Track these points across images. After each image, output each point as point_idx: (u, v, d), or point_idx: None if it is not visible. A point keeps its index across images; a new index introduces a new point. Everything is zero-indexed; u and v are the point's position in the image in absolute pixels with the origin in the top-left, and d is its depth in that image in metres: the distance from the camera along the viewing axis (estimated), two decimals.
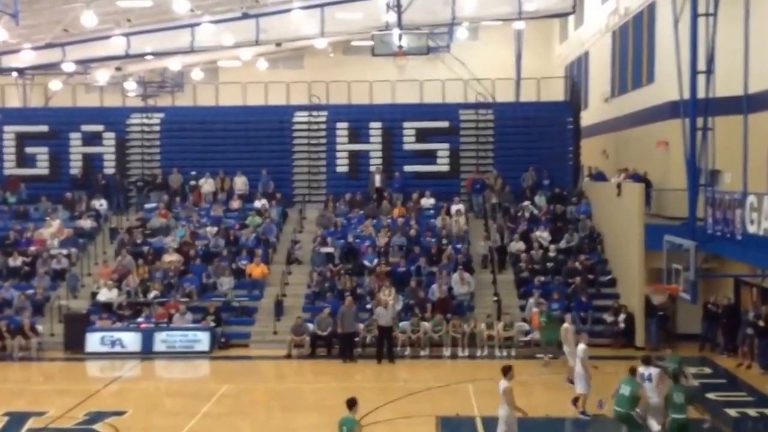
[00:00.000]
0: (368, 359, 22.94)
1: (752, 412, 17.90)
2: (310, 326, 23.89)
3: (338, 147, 33.20)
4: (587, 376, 17.17)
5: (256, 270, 26.78)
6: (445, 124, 32.80)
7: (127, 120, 33.79)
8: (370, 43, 37.84)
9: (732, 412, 17.83)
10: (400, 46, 34.41)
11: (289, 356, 23.38)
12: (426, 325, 24.01)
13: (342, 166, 33.07)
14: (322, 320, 23.74)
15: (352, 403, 12.82)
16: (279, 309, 25.30)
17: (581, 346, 17.47)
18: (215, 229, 29.13)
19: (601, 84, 35.50)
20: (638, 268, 24.00)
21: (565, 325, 19.75)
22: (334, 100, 34.95)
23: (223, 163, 32.38)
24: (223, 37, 36.86)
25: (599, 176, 30.32)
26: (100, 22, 29.88)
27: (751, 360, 21.14)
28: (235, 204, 31.22)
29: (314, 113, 33.68)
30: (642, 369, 15.56)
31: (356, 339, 23.44)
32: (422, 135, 32.80)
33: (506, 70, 38.62)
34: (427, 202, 30.94)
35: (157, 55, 37.11)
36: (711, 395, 18.89)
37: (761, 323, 20.39)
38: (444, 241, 27.98)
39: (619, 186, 26.26)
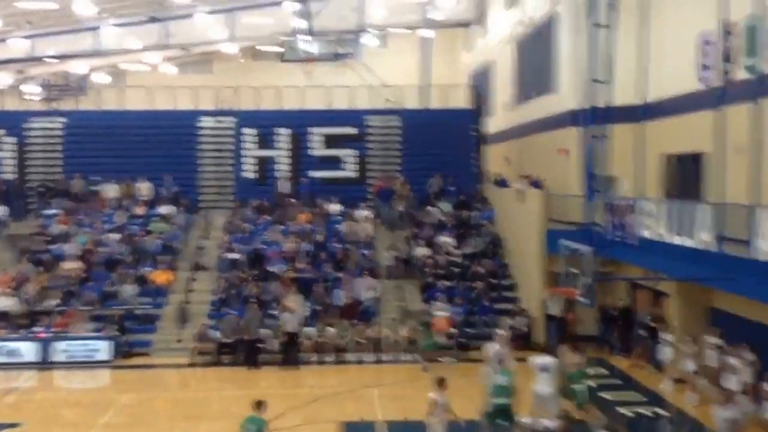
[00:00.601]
0: (273, 366, 22.85)
1: (645, 411, 18.45)
2: (215, 333, 23.65)
3: (246, 153, 33.03)
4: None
5: (160, 277, 26.36)
6: (352, 130, 32.98)
7: (28, 124, 32.82)
8: (280, 48, 37.83)
9: (626, 411, 18.37)
10: (309, 53, 34.58)
11: (193, 364, 23.07)
12: (331, 330, 24.07)
13: (249, 171, 32.89)
14: (227, 327, 23.52)
15: (259, 404, 12.82)
16: (183, 316, 24.95)
17: (495, 347, 17.95)
18: (118, 235, 28.54)
19: (505, 92, 36.25)
20: (538, 272, 24.64)
21: (502, 332, 20.00)
22: (243, 105, 34.66)
23: (128, 168, 31.73)
24: (129, 41, 36.24)
25: (502, 182, 30.96)
26: (1, 24, 29.00)
27: (645, 361, 21.88)
28: (139, 210, 30.64)
29: (222, 118, 33.43)
30: (539, 360, 16.11)
31: (261, 345, 23.32)
32: (330, 141, 32.92)
33: (414, 77, 39.05)
34: (334, 208, 31.00)
35: (61, 58, 36.24)
36: (607, 395, 19.48)
37: (654, 325, 21.14)
38: (350, 247, 28.11)
39: (520, 192, 26.88)
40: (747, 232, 15.91)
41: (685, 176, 22.46)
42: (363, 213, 30.27)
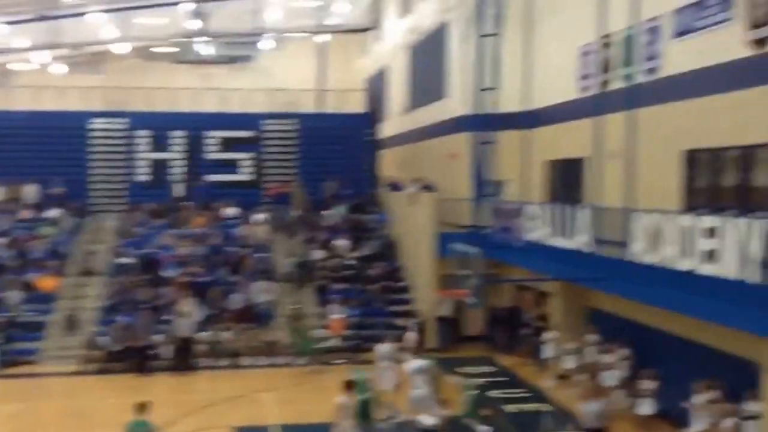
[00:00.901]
0: (166, 372, 22.61)
1: (529, 407, 19.11)
2: (104, 340, 23.22)
3: (139, 155, 32.55)
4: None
5: (47, 283, 25.68)
6: (249, 133, 32.94)
7: None
8: (174, 49, 37.36)
9: (512, 407, 19.02)
10: (204, 55, 34.31)
11: (81, 372, 22.57)
12: (226, 334, 23.99)
13: (143, 174, 32.44)
14: (117, 333, 23.13)
15: (142, 406, 12.74)
16: (71, 323, 24.38)
17: (386, 347, 18.70)
18: (4, 240, 27.64)
19: (399, 97, 36.80)
20: (430, 274, 25.19)
21: (408, 334, 20.30)
22: (136, 106, 34.12)
23: (15, 171, 30.82)
24: (17, 39, 35.10)
25: (396, 186, 31.45)
26: None
27: (529, 358, 22.64)
28: (26, 213, 29.76)
29: (114, 120, 32.83)
30: (413, 364, 16.64)
31: (153, 351, 23.04)
32: (226, 144, 32.80)
33: (310, 81, 39.22)
34: (230, 211, 30.88)
35: None
36: (494, 393, 20.10)
37: (537, 324, 21.93)
38: (246, 250, 28.06)
39: (413, 196, 27.39)
40: (622, 235, 16.71)
41: (568, 181, 23.38)
42: (259, 216, 30.23)
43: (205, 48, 34.08)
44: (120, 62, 42.15)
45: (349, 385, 14.80)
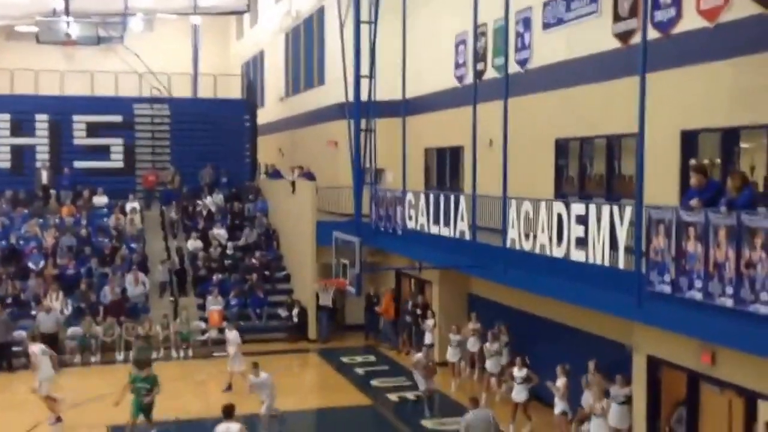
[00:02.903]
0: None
1: (410, 395, 19.24)
2: None
3: None
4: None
5: None
6: (118, 118, 31.63)
7: None
8: (36, 28, 35.47)
9: (393, 397, 19.14)
10: (68, 34, 32.71)
11: None
12: (97, 329, 23.10)
13: (3, 161, 30.74)
14: None
15: None
16: None
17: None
18: None
19: (276, 83, 36.27)
20: (310, 263, 24.98)
21: (418, 355, 19.35)
22: None
23: None
24: None
25: (275, 174, 31.01)
26: None
27: (411, 346, 22.74)
28: None
29: None
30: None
31: (15, 349, 21.90)
32: (94, 129, 31.39)
33: (183, 65, 38.11)
34: (100, 200, 29.69)
35: None
36: (375, 382, 20.15)
37: (418, 312, 22.08)
38: (117, 241, 27.09)
39: (293, 183, 27.07)
40: (498, 222, 16.96)
41: (447, 169, 23.60)
42: (131, 205, 29.19)
43: (69, 27, 32.39)
44: None
45: (228, 410, 13.60)
